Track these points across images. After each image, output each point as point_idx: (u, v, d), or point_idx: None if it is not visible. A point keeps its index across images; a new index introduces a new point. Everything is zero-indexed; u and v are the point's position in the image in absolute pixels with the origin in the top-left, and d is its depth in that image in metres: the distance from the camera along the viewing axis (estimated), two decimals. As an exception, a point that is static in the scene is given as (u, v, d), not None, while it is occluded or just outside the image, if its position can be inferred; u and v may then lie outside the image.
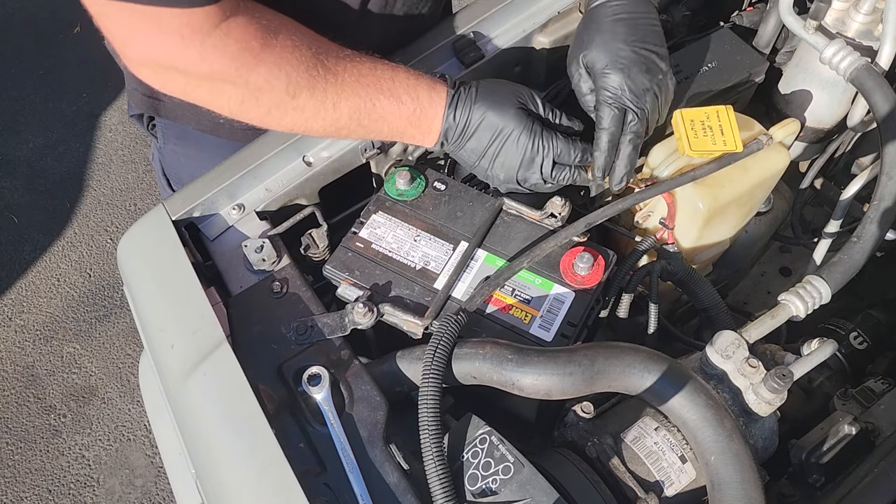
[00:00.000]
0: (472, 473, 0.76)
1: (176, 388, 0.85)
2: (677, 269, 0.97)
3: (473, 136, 0.92)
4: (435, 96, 0.91)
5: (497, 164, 0.92)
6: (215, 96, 0.85)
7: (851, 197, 1.03)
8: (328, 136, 0.94)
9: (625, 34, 0.89)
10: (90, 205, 2.65)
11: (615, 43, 0.89)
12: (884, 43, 0.95)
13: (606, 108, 0.89)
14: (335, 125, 0.89)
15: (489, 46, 1.10)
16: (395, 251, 0.94)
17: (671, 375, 0.76)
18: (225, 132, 1.16)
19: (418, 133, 0.93)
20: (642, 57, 0.89)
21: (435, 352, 0.78)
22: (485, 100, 0.91)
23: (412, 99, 0.90)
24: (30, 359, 2.32)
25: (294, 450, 0.79)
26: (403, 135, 0.93)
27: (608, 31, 0.90)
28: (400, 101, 0.89)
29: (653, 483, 0.80)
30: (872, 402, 0.95)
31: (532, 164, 0.91)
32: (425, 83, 0.91)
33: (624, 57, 0.88)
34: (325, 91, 0.86)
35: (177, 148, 1.25)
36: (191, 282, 0.89)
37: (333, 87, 0.86)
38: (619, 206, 0.92)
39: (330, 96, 0.86)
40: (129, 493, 2.09)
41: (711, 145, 0.93)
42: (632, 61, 0.89)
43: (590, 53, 0.90)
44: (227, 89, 0.84)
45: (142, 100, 1.16)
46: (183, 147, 1.24)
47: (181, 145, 1.24)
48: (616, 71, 0.88)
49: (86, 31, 3.06)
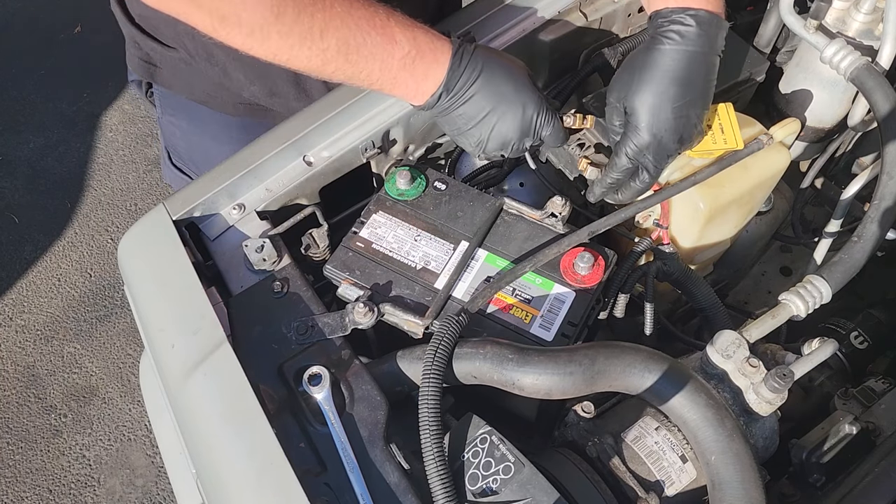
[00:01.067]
0: (473, 473, 0.76)
1: (176, 387, 0.85)
2: (673, 270, 0.97)
3: (473, 98, 0.87)
4: (436, 41, 0.85)
5: (495, 132, 0.88)
6: (196, 6, 0.79)
7: (852, 196, 1.03)
8: (313, 71, 0.85)
9: (674, 97, 0.85)
10: (91, 205, 2.65)
11: (661, 103, 0.85)
12: (884, 42, 0.95)
13: (623, 159, 0.88)
14: (321, 57, 0.82)
15: (490, 45, 1.09)
16: (395, 251, 0.94)
17: (672, 375, 0.76)
18: (217, 104, 1.16)
19: (412, 80, 0.86)
20: (681, 124, 0.86)
21: (435, 352, 0.78)
22: (493, 61, 0.86)
23: (408, 40, 0.84)
24: (30, 359, 2.32)
25: (294, 449, 0.79)
26: (395, 81, 0.86)
27: (659, 95, 0.85)
28: (394, 39, 0.83)
29: (653, 483, 0.80)
30: (873, 401, 0.95)
31: (527, 136, 0.89)
32: (424, 29, 0.85)
33: (663, 120, 0.85)
34: (312, 16, 0.80)
35: (172, 119, 1.26)
36: (191, 282, 0.89)
37: (322, 14, 0.80)
38: (623, 214, 0.92)
39: (317, 22, 0.80)
40: (130, 493, 2.09)
41: (712, 144, 0.93)
42: (669, 129, 0.86)
43: (633, 102, 0.86)
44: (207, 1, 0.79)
45: (139, 64, 1.16)
46: (177, 117, 1.25)
47: (176, 116, 1.25)
48: (650, 134, 0.86)
49: (86, 31, 3.06)
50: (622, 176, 0.90)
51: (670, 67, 0.85)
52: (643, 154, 0.88)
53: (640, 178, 0.90)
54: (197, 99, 1.17)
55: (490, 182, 1.11)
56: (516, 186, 1.10)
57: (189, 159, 1.31)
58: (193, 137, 1.26)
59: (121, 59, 1.22)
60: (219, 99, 1.15)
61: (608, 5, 1.14)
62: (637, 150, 0.87)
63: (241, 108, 1.18)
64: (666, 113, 0.85)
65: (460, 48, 0.86)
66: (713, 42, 0.86)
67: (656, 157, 0.88)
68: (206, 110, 1.18)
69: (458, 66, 0.85)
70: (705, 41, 0.85)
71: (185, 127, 1.25)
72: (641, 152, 0.87)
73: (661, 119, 0.86)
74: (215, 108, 1.17)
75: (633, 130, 0.87)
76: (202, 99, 1.17)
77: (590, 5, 1.13)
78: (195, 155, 1.30)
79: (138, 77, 1.20)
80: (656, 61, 0.85)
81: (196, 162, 1.30)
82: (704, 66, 0.86)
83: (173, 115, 1.25)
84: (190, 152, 1.30)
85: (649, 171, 0.89)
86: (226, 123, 1.20)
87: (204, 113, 1.19)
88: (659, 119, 0.86)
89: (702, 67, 0.86)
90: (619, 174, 0.90)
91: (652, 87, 0.85)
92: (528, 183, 1.10)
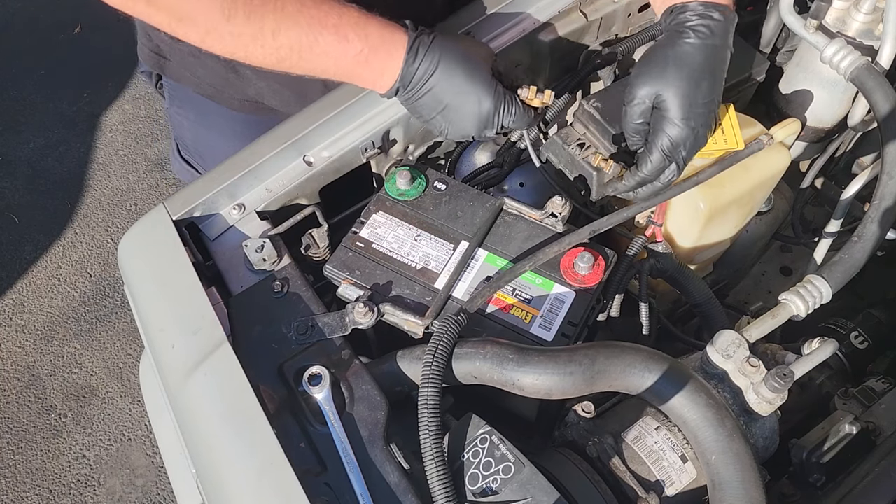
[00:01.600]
0: (473, 473, 0.76)
1: (176, 387, 0.85)
2: (667, 266, 0.97)
3: (430, 92, 0.88)
4: (388, 37, 0.86)
5: (454, 126, 0.90)
6: (155, 7, 0.82)
7: (852, 196, 1.03)
8: (271, 66, 0.88)
9: (707, 92, 0.85)
10: (91, 205, 2.65)
11: (697, 97, 0.85)
12: (884, 42, 0.95)
13: (657, 156, 0.87)
14: (276, 55, 0.85)
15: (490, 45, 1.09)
16: (395, 251, 0.94)
17: (672, 375, 0.76)
18: (223, 99, 1.18)
19: (369, 76, 0.89)
20: (711, 118, 0.87)
21: (435, 352, 0.78)
22: (450, 52, 0.87)
23: (360, 38, 0.85)
24: (30, 359, 2.32)
25: (294, 449, 0.79)
26: (352, 76, 0.89)
27: (694, 84, 0.85)
28: (346, 38, 0.85)
29: (653, 483, 0.80)
30: (873, 401, 0.95)
31: (486, 128, 0.90)
32: (377, 23, 0.87)
33: (699, 115, 0.85)
34: (262, 17, 0.82)
35: (180, 110, 1.28)
36: (191, 282, 0.89)
37: (273, 15, 0.82)
38: (623, 214, 0.92)
39: (269, 24, 0.82)
40: (130, 493, 2.09)
41: (712, 144, 0.93)
42: (703, 123, 0.86)
43: (667, 95, 0.85)
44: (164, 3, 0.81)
45: (149, 56, 1.18)
46: (185, 110, 1.27)
47: (183, 108, 1.27)
48: (688, 129, 0.85)
49: (86, 31, 3.06)
50: (653, 174, 0.88)
51: (701, 61, 0.85)
52: (679, 149, 0.86)
53: (665, 175, 0.89)
54: (204, 93, 1.18)
55: (490, 182, 1.11)
56: (516, 186, 1.10)
57: (195, 151, 1.32)
58: (200, 130, 1.27)
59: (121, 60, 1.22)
60: (225, 94, 1.16)
61: (608, 5, 1.14)
62: (673, 145, 0.86)
63: (247, 105, 1.18)
64: (699, 107, 0.85)
65: (416, 42, 0.87)
66: (730, 37, 0.87)
67: (691, 151, 0.87)
68: (213, 104, 1.20)
69: (412, 61, 0.86)
70: (727, 36, 0.86)
71: (192, 118, 1.27)
72: (678, 147, 0.86)
73: (697, 114, 0.85)
74: (221, 102, 1.18)
75: (670, 124, 0.85)
76: (209, 93, 1.18)
77: (590, 5, 1.13)
78: (201, 147, 1.31)
79: (148, 68, 1.21)
80: (689, 55, 0.85)
81: (202, 154, 1.31)
82: (724, 62, 0.87)
83: (181, 107, 1.27)
84: (196, 144, 1.32)
85: (679, 166, 0.88)
86: (231, 118, 1.21)
87: (210, 107, 1.20)
88: (695, 113, 0.85)
89: (723, 62, 0.87)
90: (650, 171, 0.88)
91: (686, 81, 0.84)
92: (528, 183, 1.10)
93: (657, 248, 0.97)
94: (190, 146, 1.33)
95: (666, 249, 0.97)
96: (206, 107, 1.20)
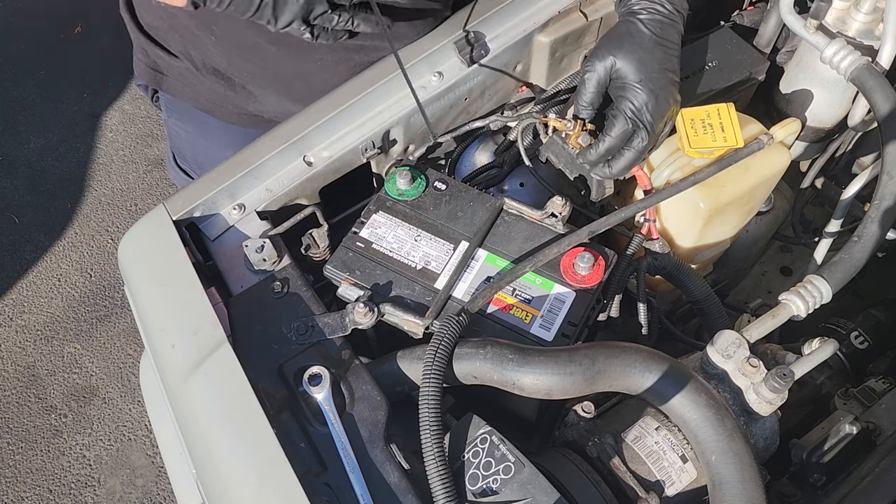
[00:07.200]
0: (473, 473, 0.76)
1: (177, 387, 0.85)
2: (664, 263, 0.97)
3: None
4: None
5: None
6: None
7: (852, 196, 1.03)
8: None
9: (661, 59, 0.91)
10: (91, 205, 2.65)
11: (652, 63, 0.90)
12: (884, 42, 0.95)
13: (622, 121, 0.90)
14: None
15: (490, 45, 1.09)
16: (395, 251, 0.94)
17: (672, 375, 0.76)
18: (222, 114, 1.18)
19: None
20: (671, 85, 0.91)
21: (436, 352, 0.78)
22: None
23: None
24: (30, 359, 2.32)
25: (295, 450, 0.79)
26: None
27: (647, 52, 0.90)
28: None
29: (653, 483, 0.80)
30: (873, 401, 0.95)
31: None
32: None
33: (657, 80, 0.90)
34: None
35: (178, 123, 1.28)
36: (191, 282, 0.89)
37: None
38: (623, 213, 0.92)
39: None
40: (130, 493, 2.09)
41: (711, 142, 0.93)
42: (662, 87, 0.90)
43: (623, 63, 0.90)
44: None
45: (145, 71, 1.18)
46: (183, 123, 1.27)
47: (181, 121, 1.27)
48: (647, 91, 0.89)
49: (86, 31, 3.06)
50: (619, 141, 0.91)
51: (650, 35, 0.91)
52: (642, 112, 0.89)
53: (634, 144, 0.91)
54: (202, 107, 1.18)
55: (490, 182, 1.11)
56: (516, 186, 1.10)
57: (194, 162, 1.33)
58: (199, 142, 1.27)
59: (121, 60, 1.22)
60: (223, 109, 1.16)
61: (608, 5, 1.14)
62: (636, 107, 0.89)
63: (245, 119, 1.18)
64: (655, 72, 0.90)
65: None
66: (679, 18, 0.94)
67: (654, 114, 0.90)
68: (212, 119, 1.20)
69: None
70: (675, 16, 0.93)
71: (190, 131, 1.26)
72: (641, 110, 0.89)
73: (655, 78, 0.90)
74: (220, 117, 1.18)
75: (629, 88, 0.90)
76: (207, 108, 1.18)
77: (590, 5, 1.13)
78: (200, 158, 1.31)
79: (144, 82, 1.21)
80: (639, 31, 0.91)
81: (201, 165, 1.32)
82: (674, 37, 0.93)
83: (179, 120, 1.27)
84: (195, 155, 1.32)
85: (648, 130, 0.90)
86: (230, 132, 1.21)
87: (209, 121, 1.20)
88: (653, 77, 0.89)
89: (674, 36, 0.93)
90: (616, 135, 0.91)
91: (639, 48, 0.90)
92: (529, 183, 1.10)
93: (653, 245, 0.97)
94: (188, 157, 1.33)
95: (663, 246, 0.97)
96: (204, 120, 1.20)
